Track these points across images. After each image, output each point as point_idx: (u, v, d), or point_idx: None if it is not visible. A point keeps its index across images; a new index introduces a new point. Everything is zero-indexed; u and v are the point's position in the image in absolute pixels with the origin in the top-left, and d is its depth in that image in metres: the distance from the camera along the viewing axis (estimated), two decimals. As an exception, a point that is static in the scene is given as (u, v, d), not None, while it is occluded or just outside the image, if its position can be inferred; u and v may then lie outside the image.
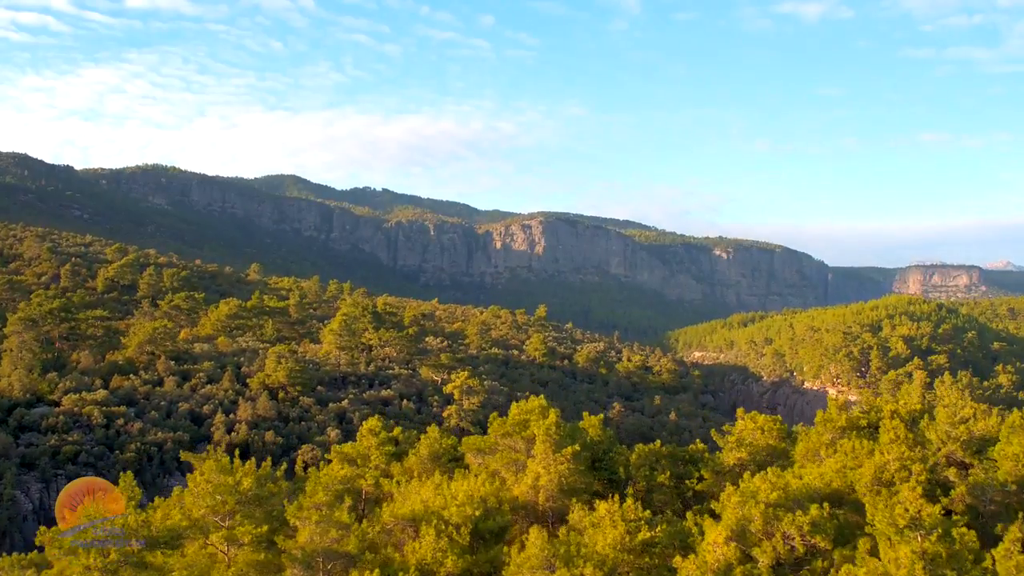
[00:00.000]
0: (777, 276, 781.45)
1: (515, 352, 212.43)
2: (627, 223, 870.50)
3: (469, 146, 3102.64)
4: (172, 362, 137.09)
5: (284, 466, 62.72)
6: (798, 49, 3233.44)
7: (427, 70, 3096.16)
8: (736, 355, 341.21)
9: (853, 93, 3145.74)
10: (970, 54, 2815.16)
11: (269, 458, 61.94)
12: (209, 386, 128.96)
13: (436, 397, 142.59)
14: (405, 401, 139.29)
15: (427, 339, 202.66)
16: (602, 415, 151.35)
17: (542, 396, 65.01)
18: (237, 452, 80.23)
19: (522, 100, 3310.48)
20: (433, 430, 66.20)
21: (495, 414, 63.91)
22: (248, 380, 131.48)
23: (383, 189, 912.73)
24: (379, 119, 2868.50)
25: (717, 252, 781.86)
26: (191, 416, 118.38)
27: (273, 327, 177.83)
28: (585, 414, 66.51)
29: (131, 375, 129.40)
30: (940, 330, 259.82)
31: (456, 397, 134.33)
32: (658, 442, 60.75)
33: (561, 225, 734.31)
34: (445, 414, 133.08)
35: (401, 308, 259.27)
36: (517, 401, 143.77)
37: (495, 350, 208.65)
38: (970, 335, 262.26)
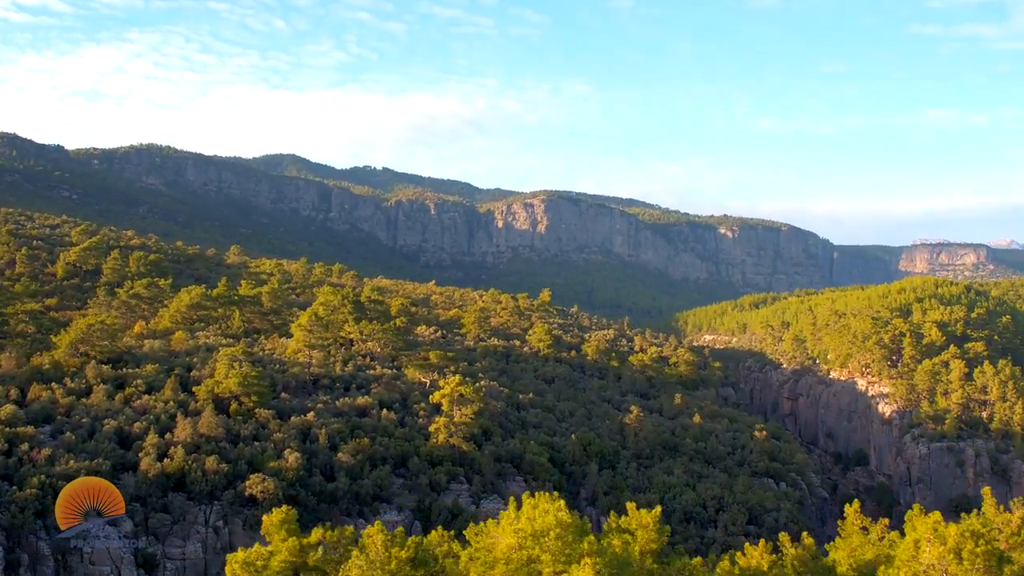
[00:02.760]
0: (783, 255, 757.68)
1: (517, 343, 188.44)
2: (631, 201, 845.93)
3: (472, 125, 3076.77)
4: (106, 366, 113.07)
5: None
6: (805, 25, 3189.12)
7: (430, 48, 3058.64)
8: (750, 339, 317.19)
9: (860, 70, 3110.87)
10: (977, 31, 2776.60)
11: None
12: (147, 397, 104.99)
13: (423, 404, 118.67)
14: (385, 411, 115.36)
15: (418, 329, 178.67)
16: (621, 417, 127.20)
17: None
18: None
19: (526, 78, 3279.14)
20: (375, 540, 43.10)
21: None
22: (195, 389, 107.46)
23: (383, 168, 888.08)
24: (382, 98, 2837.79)
25: (722, 231, 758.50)
26: (118, 437, 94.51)
27: (242, 319, 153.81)
28: (631, 507, 44.73)
29: (54, 383, 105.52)
30: (974, 314, 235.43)
31: (445, 408, 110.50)
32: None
33: (564, 203, 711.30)
34: (432, 428, 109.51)
35: (394, 292, 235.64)
36: (519, 404, 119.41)
37: (494, 341, 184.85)
38: (1004, 320, 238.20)
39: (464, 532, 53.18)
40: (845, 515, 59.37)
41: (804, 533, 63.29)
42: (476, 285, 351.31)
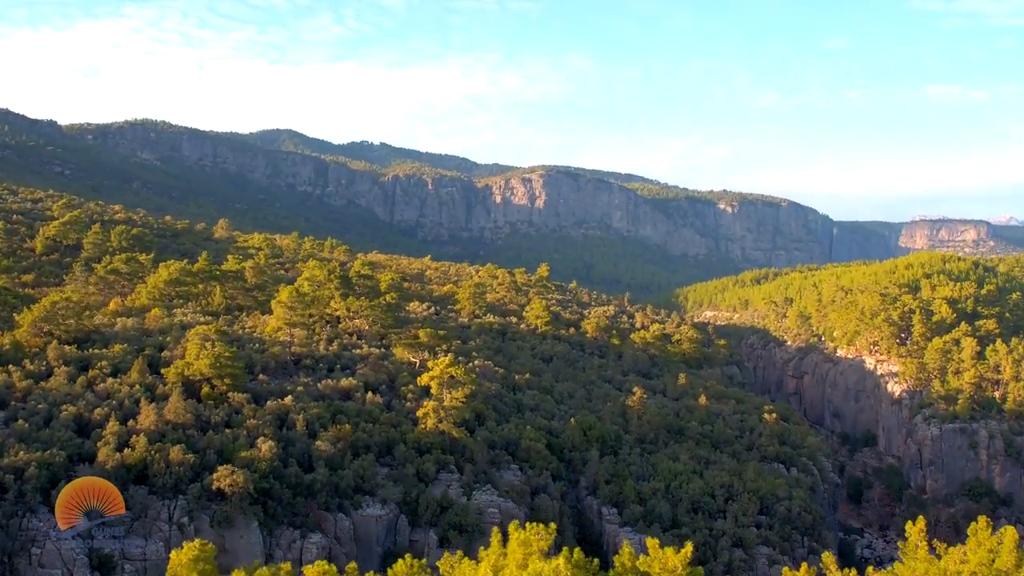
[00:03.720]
0: (783, 230, 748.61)
1: (513, 320, 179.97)
2: (630, 176, 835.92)
3: (471, 100, 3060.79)
4: (70, 347, 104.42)
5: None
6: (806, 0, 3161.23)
7: (429, 23, 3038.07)
8: (752, 315, 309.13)
9: (861, 45, 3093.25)
10: (979, 6, 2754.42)
11: None
12: (111, 380, 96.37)
13: (412, 387, 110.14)
14: (371, 393, 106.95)
15: (411, 305, 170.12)
16: (623, 399, 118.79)
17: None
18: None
19: (526, 53, 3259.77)
20: None
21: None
22: (164, 372, 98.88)
23: (381, 143, 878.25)
24: (381, 71, 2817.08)
25: (722, 206, 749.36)
26: (76, 425, 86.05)
27: (224, 295, 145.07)
28: (652, 544, 35.74)
29: (11, 365, 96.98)
30: (984, 291, 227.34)
31: (434, 391, 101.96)
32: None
33: (562, 178, 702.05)
34: (420, 412, 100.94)
35: (388, 267, 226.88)
36: (515, 385, 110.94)
37: (490, 318, 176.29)
38: (1015, 296, 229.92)
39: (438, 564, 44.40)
40: (906, 534, 49.55)
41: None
42: (473, 260, 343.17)
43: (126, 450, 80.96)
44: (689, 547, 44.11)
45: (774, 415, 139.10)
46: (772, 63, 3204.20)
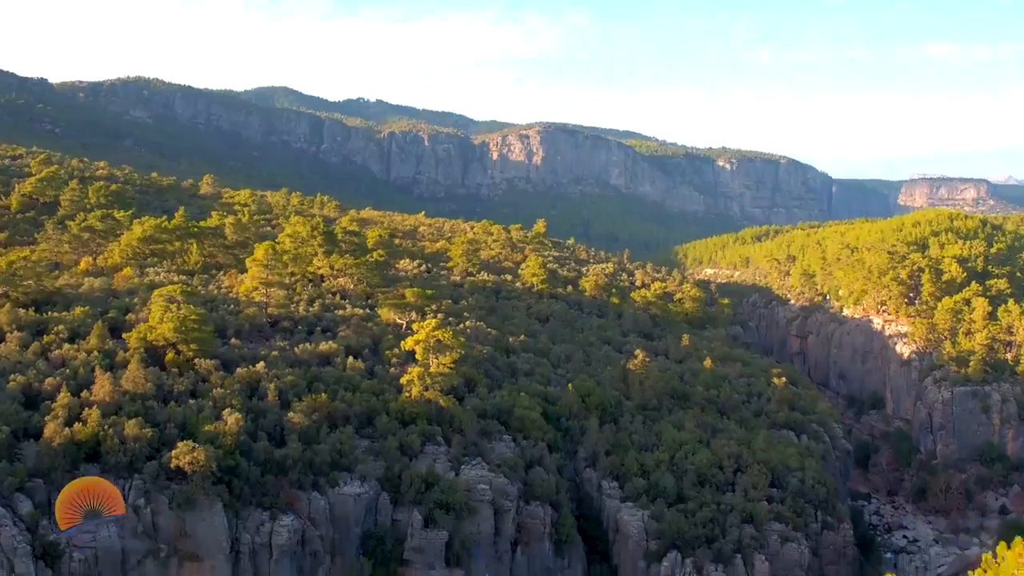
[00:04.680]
0: (782, 188, 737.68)
1: (508, 278, 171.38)
2: (628, 133, 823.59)
3: (469, 56, 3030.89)
4: (26, 310, 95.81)
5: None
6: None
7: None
8: (754, 274, 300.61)
9: (861, 1, 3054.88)
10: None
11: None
12: (67, 346, 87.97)
13: (397, 350, 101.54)
14: (352, 359, 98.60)
15: (401, 263, 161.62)
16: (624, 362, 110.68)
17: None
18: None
19: (524, 8, 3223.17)
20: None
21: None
22: (125, 336, 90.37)
23: (377, 100, 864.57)
24: (378, 28, 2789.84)
25: (720, 163, 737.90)
26: (24, 396, 77.87)
27: (202, 253, 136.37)
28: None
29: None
30: (994, 249, 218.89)
31: (419, 356, 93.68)
32: None
33: (560, 135, 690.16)
34: (404, 380, 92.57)
35: (380, 223, 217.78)
36: (508, 348, 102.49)
37: (484, 276, 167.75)
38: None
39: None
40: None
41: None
42: (470, 217, 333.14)
43: (77, 425, 73.04)
44: None
45: (783, 379, 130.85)
46: (771, 19, 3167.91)
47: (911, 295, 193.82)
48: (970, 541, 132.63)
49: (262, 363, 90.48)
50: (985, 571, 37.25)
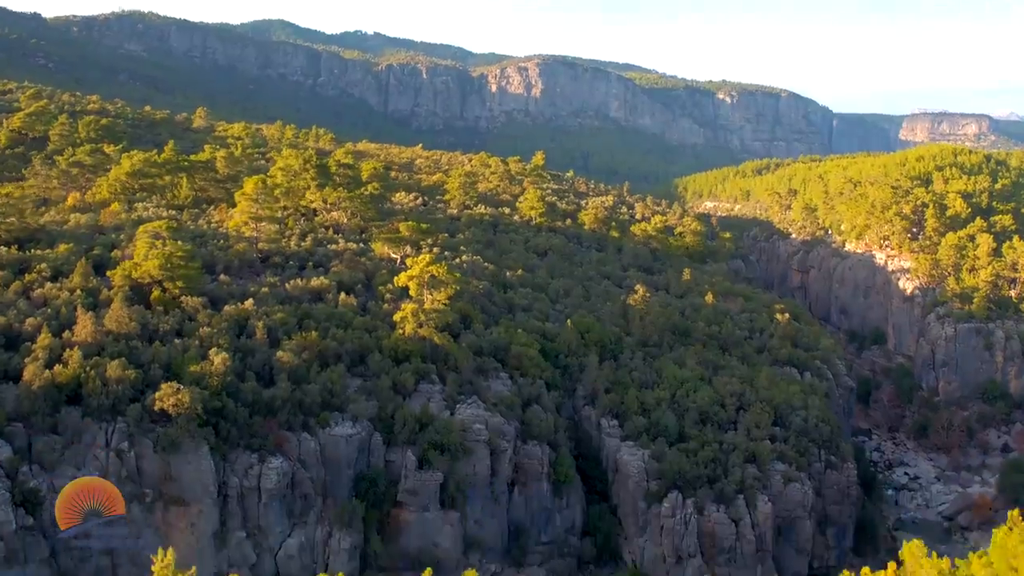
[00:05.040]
0: (782, 121, 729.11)
1: (506, 211, 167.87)
2: (627, 66, 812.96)
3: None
4: (8, 248, 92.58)
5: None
6: None
7: None
8: (755, 207, 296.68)
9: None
10: None
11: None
12: (49, 285, 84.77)
13: (391, 286, 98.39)
14: (344, 295, 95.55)
15: (396, 196, 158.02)
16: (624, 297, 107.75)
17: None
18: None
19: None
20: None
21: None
22: (109, 274, 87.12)
23: (375, 33, 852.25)
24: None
25: (720, 96, 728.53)
26: (4, 337, 75.05)
27: (192, 187, 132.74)
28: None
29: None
30: (998, 185, 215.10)
31: (413, 292, 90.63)
32: None
33: (559, 67, 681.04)
34: (398, 316, 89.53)
35: (377, 156, 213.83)
36: (505, 283, 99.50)
37: (481, 209, 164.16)
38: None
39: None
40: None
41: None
42: (467, 150, 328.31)
43: (57, 367, 70.09)
44: None
45: (786, 315, 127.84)
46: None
47: (914, 230, 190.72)
48: (971, 479, 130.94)
49: (251, 300, 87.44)
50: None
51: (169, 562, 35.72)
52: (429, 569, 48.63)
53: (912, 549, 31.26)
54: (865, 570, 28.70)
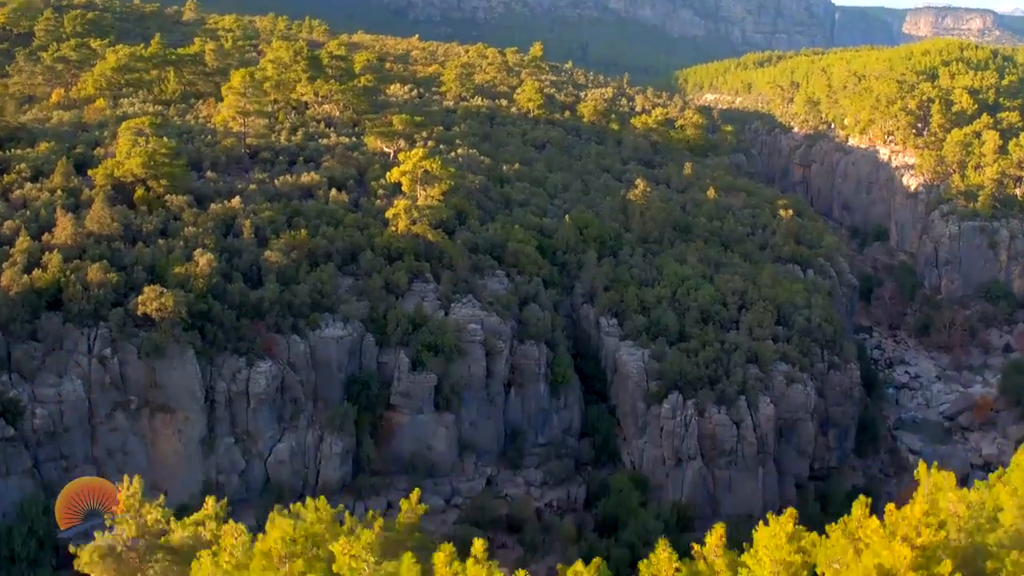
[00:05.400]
0: (784, 13, 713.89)
1: (503, 103, 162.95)
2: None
3: None
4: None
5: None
6: None
7: None
8: (756, 100, 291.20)
9: None
10: None
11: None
12: (29, 186, 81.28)
13: (384, 181, 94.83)
14: (335, 191, 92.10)
15: (391, 88, 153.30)
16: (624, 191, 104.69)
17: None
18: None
19: None
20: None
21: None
22: (91, 173, 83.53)
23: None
24: None
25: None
26: (-21, 240, 71.80)
27: (180, 81, 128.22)
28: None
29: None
30: (1005, 81, 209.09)
31: (406, 188, 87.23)
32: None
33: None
34: (390, 213, 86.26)
35: (371, 47, 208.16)
36: (502, 177, 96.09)
37: (478, 101, 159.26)
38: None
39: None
40: None
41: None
42: (465, 42, 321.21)
43: (36, 271, 67.08)
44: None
45: (789, 211, 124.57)
46: None
47: (919, 126, 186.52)
48: (973, 379, 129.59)
49: (238, 198, 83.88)
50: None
51: (136, 490, 33.09)
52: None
53: (939, 481, 28.32)
54: (890, 506, 25.68)
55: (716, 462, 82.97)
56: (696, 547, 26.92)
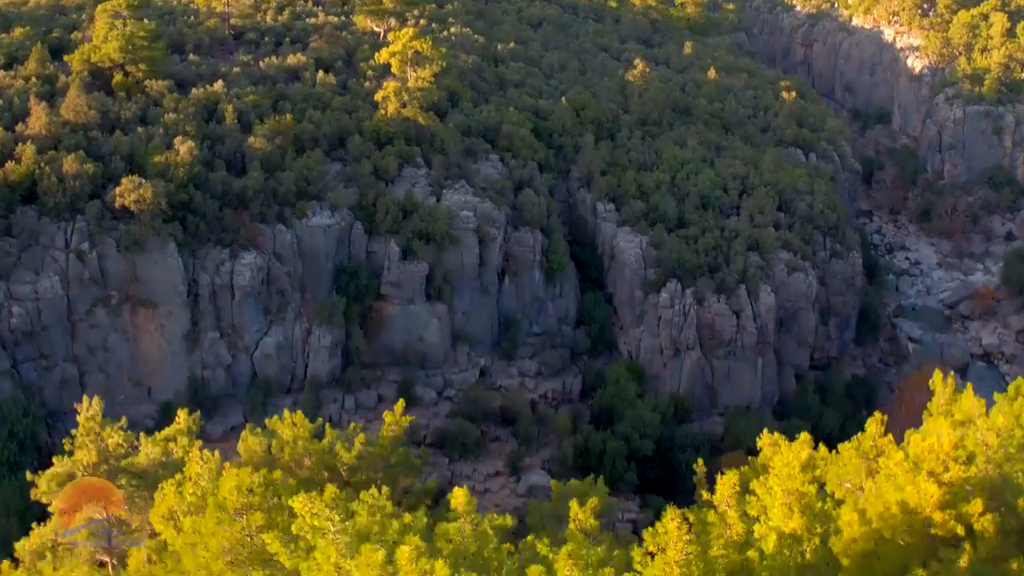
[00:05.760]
0: None
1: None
2: None
3: None
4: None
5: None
6: None
7: None
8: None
9: None
10: None
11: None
12: (2, 73, 77.56)
13: (373, 62, 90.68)
14: (323, 73, 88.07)
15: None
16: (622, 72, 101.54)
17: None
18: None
19: None
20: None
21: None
22: (67, 59, 79.54)
23: None
24: None
25: None
26: (-49, 133, 68.50)
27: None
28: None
29: None
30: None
31: (396, 70, 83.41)
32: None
33: None
34: (380, 96, 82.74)
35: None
36: (496, 56, 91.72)
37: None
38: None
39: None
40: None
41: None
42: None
43: (9, 163, 64.09)
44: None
45: (792, 93, 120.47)
46: None
47: (925, 6, 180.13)
48: (974, 266, 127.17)
49: (221, 82, 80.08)
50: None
51: (96, 412, 30.75)
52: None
53: (967, 408, 25.92)
54: (916, 436, 23.32)
55: (715, 352, 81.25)
56: (705, 495, 24.60)
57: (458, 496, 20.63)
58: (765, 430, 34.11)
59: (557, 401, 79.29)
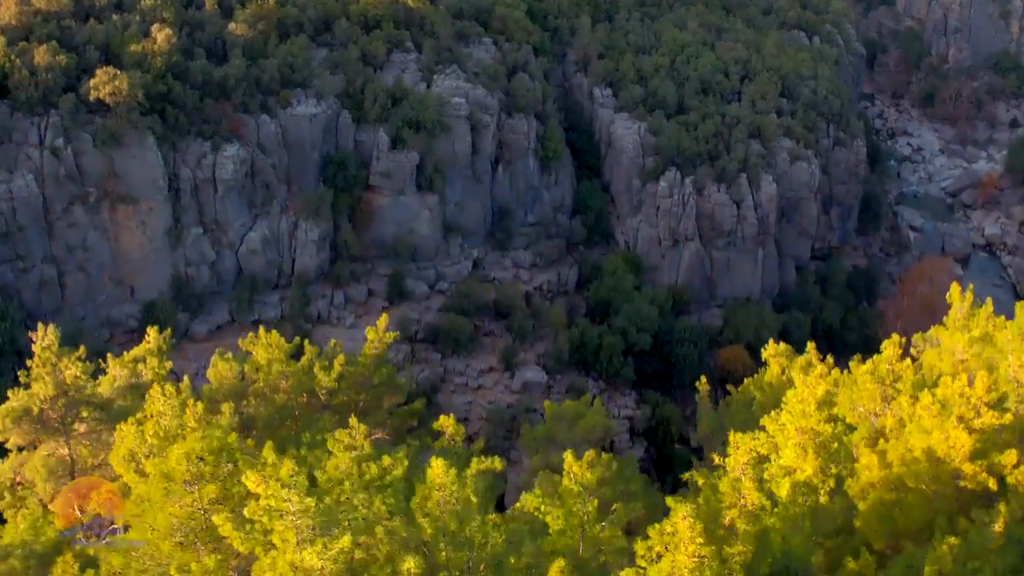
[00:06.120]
0: None
1: None
2: None
3: None
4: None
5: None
6: None
7: None
8: None
9: None
10: None
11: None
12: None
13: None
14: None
15: None
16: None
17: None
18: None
19: None
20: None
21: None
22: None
23: None
24: None
25: None
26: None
27: None
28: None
29: None
30: None
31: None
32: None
33: None
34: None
35: None
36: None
37: None
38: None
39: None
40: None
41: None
42: None
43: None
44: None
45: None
46: None
47: None
48: (977, 154, 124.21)
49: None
50: None
51: (51, 341, 28.53)
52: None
53: (1003, 344, 23.91)
54: (946, 377, 21.10)
55: (714, 243, 79.58)
56: (717, 458, 22.64)
57: (436, 467, 18.42)
58: (771, 341, 32.19)
59: (552, 293, 77.77)
